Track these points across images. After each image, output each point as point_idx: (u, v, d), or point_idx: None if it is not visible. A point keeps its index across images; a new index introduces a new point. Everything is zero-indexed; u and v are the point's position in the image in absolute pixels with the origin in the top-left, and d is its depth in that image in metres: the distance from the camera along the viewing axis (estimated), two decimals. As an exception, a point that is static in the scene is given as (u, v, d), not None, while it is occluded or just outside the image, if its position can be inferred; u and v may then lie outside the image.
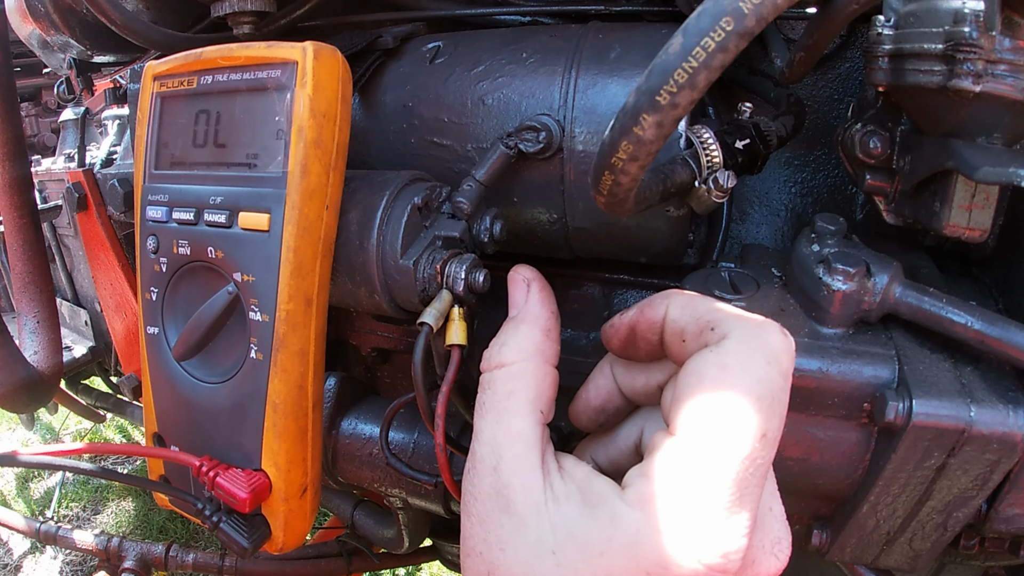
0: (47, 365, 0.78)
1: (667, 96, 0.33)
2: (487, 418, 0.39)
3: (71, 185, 0.99)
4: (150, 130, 0.53)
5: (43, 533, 1.09)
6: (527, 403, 0.39)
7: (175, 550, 1.02)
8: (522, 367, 0.41)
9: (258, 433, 0.49)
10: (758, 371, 0.33)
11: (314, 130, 0.45)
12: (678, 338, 0.37)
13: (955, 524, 0.45)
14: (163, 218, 0.52)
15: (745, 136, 0.50)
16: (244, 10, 0.60)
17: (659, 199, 0.45)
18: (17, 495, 2.57)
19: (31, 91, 2.02)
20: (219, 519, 0.50)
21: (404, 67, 0.60)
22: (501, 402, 0.39)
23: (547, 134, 0.51)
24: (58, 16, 0.78)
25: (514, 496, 0.36)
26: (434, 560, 1.09)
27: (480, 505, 0.38)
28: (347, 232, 0.49)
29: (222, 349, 0.51)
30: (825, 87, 0.64)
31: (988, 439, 0.39)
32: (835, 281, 0.43)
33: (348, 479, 0.71)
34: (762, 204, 0.67)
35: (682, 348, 0.37)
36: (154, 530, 2.37)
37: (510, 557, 0.35)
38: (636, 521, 0.32)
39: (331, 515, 1.31)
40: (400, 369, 0.83)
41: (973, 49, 0.37)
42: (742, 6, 0.31)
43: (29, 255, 0.78)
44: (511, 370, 0.41)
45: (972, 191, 0.44)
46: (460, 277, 0.47)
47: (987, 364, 0.42)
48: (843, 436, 0.44)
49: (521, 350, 0.41)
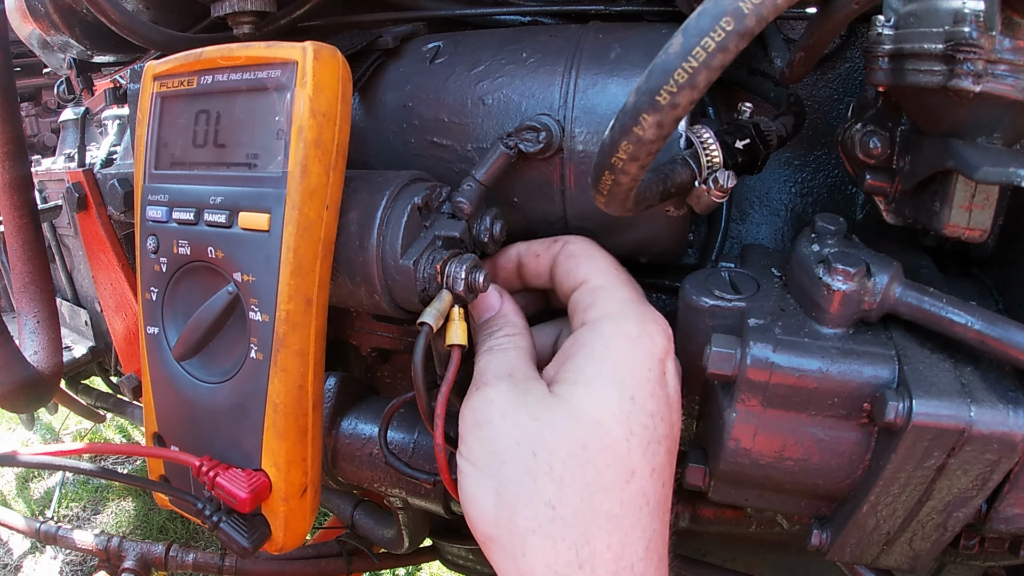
0: (47, 365, 0.78)
1: (667, 96, 0.33)
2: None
3: (71, 185, 0.99)
4: (150, 130, 0.53)
5: (43, 533, 1.08)
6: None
7: (175, 550, 1.02)
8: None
9: (258, 433, 0.49)
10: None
11: (314, 130, 0.45)
12: (533, 256, 0.53)
13: (955, 524, 0.45)
14: (163, 218, 0.52)
15: (745, 136, 0.50)
16: (244, 10, 0.61)
17: (659, 199, 0.45)
18: (17, 495, 2.57)
19: (31, 91, 2.02)
20: (219, 519, 0.50)
21: (404, 67, 0.60)
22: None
23: (547, 134, 0.51)
24: (58, 16, 0.78)
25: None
26: (434, 560, 1.09)
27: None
28: (347, 232, 0.49)
29: (222, 349, 0.51)
30: (825, 87, 0.64)
31: (988, 439, 0.39)
32: (835, 281, 0.43)
33: (348, 479, 0.71)
34: (762, 204, 0.67)
35: (538, 261, 0.53)
36: (154, 530, 2.37)
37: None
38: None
39: (331, 515, 1.31)
40: (400, 369, 0.83)
41: (973, 49, 0.37)
42: (742, 6, 0.31)
43: (29, 255, 0.78)
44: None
45: (972, 191, 0.44)
46: (460, 277, 0.47)
47: (987, 364, 0.42)
48: (843, 436, 0.44)
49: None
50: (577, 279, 0.49)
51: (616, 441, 0.41)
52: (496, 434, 0.43)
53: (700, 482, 0.51)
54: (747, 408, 0.44)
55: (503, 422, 0.43)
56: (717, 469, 0.48)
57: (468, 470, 0.44)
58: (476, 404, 0.45)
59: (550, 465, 0.41)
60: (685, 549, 0.78)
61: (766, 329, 0.44)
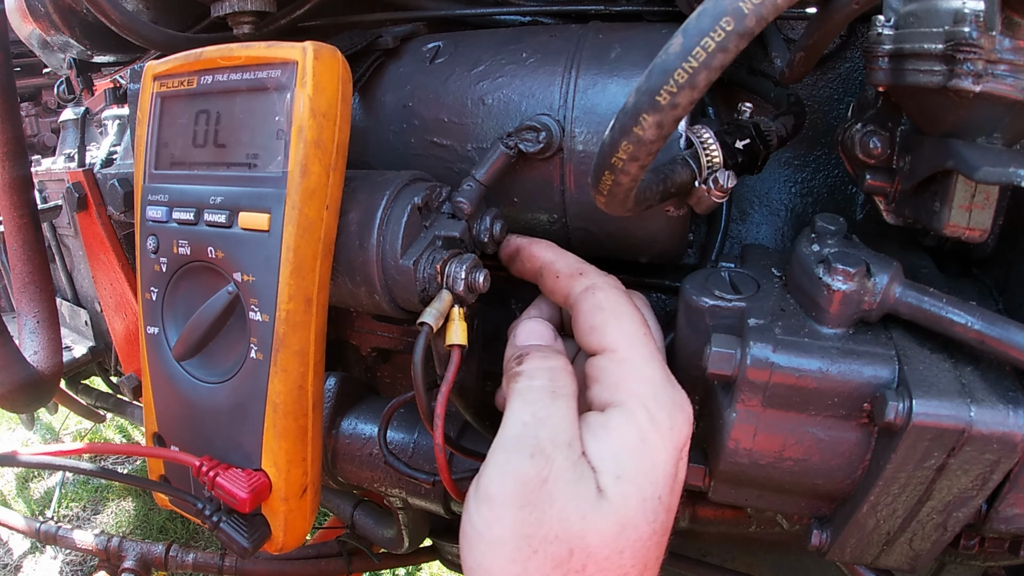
0: (47, 365, 0.78)
1: (667, 96, 0.33)
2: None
3: (71, 185, 0.99)
4: (150, 130, 0.53)
5: (43, 533, 1.08)
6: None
7: (175, 550, 1.02)
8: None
9: (258, 433, 0.49)
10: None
11: (314, 130, 0.45)
12: (552, 275, 0.50)
13: (955, 524, 0.45)
14: (163, 218, 0.52)
15: (745, 136, 0.50)
16: (244, 10, 0.61)
17: (659, 199, 0.45)
18: (17, 495, 2.57)
19: (31, 91, 2.02)
20: (219, 519, 0.50)
21: (404, 67, 0.60)
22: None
23: (547, 134, 0.51)
24: (58, 16, 0.79)
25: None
26: (434, 560, 1.09)
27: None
28: (347, 232, 0.49)
29: (222, 349, 0.51)
30: (825, 87, 0.64)
31: (988, 439, 0.39)
32: (835, 281, 0.43)
33: (348, 479, 0.71)
34: (762, 204, 0.67)
35: (556, 283, 0.50)
36: (154, 530, 2.37)
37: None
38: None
39: (331, 515, 1.31)
40: (400, 369, 0.83)
41: (973, 49, 0.37)
42: (742, 6, 0.31)
43: (29, 255, 0.78)
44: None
45: (972, 191, 0.44)
46: (460, 277, 0.47)
47: (987, 364, 0.42)
48: (843, 436, 0.44)
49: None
50: (604, 344, 0.45)
51: (643, 540, 0.40)
52: (540, 521, 0.39)
53: (700, 482, 0.51)
54: (747, 408, 0.44)
55: (551, 510, 0.39)
56: (717, 469, 0.48)
57: (489, 538, 0.40)
58: (527, 472, 0.40)
59: (584, 565, 0.39)
60: (685, 549, 0.78)
61: (766, 329, 0.44)
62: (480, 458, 0.54)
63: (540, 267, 0.52)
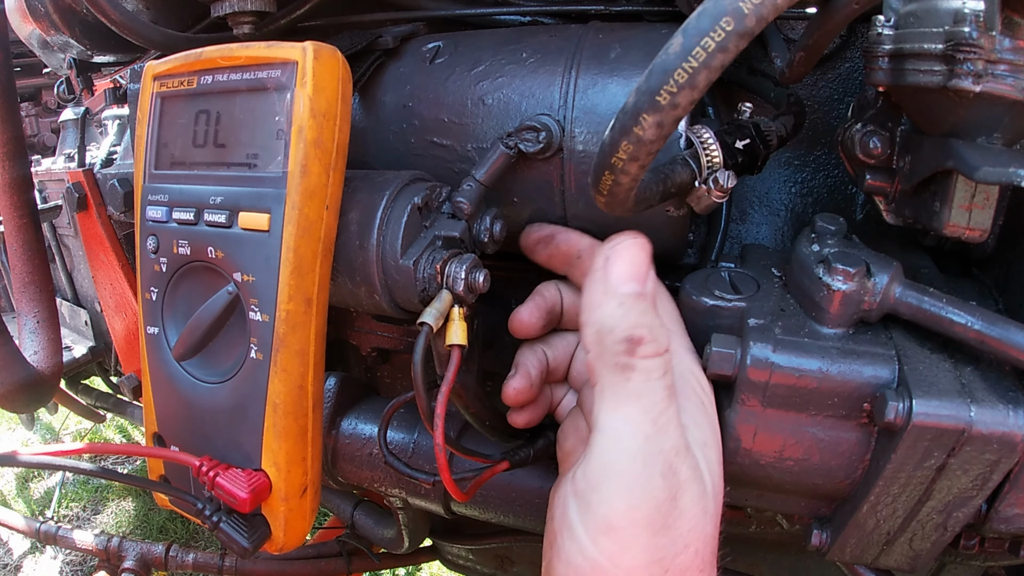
0: (47, 365, 0.78)
1: (667, 96, 0.33)
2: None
3: (71, 185, 0.99)
4: (150, 130, 0.53)
5: (43, 533, 1.09)
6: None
7: (175, 550, 1.02)
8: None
9: (258, 433, 0.49)
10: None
11: (314, 130, 0.45)
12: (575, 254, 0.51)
13: (955, 524, 0.45)
14: (163, 218, 0.52)
15: (745, 136, 0.50)
16: (244, 10, 0.60)
17: (659, 199, 0.45)
18: (17, 495, 2.57)
19: (31, 91, 2.02)
20: (219, 519, 0.50)
21: (404, 67, 0.60)
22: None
23: (547, 134, 0.51)
24: (58, 16, 0.78)
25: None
26: (434, 560, 1.09)
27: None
28: (347, 232, 0.49)
29: (222, 349, 0.51)
30: (825, 87, 0.64)
31: (988, 439, 0.39)
32: (835, 281, 0.43)
33: (348, 479, 0.71)
34: (762, 204, 0.67)
35: (579, 262, 0.51)
36: (154, 530, 2.37)
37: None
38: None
39: (331, 515, 1.31)
40: (400, 369, 0.83)
41: (973, 49, 0.37)
42: (742, 6, 0.31)
43: (29, 255, 0.78)
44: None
45: (972, 191, 0.44)
46: (460, 277, 0.47)
47: (987, 364, 0.42)
48: (843, 436, 0.44)
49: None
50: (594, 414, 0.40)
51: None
52: (672, 541, 0.37)
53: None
54: (747, 408, 0.44)
55: (683, 525, 0.37)
56: (717, 469, 0.48)
57: (616, 573, 0.36)
58: (659, 496, 0.36)
59: (696, 552, 0.38)
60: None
61: (766, 329, 0.44)
62: (480, 458, 0.54)
63: (580, 252, 0.51)
